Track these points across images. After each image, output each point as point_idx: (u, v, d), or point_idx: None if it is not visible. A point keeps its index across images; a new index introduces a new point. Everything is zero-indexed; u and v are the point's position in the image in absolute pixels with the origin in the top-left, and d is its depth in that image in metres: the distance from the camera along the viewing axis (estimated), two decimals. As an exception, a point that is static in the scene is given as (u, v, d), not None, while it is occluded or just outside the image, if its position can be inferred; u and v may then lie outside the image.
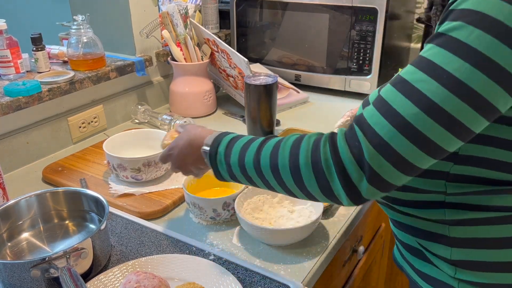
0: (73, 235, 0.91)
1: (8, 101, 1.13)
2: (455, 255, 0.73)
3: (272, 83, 1.26)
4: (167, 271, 0.81)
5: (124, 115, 1.49)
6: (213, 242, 0.92)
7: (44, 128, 1.26)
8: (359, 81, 1.59)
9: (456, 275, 0.74)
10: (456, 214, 0.71)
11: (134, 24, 1.45)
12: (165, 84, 1.62)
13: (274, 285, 0.78)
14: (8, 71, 1.24)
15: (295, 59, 1.68)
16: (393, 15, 1.54)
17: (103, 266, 0.83)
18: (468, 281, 0.73)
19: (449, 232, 0.72)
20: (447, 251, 0.73)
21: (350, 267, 1.13)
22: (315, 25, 1.58)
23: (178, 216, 1.01)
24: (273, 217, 0.95)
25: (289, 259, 0.87)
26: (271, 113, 1.30)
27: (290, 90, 1.62)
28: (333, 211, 1.00)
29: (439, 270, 0.76)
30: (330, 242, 0.91)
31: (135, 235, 0.92)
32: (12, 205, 0.87)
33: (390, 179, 0.61)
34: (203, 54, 1.50)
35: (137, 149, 1.17)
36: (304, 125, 1.38)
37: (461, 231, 0.72)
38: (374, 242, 1.28)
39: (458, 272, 0.73)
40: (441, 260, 0.75)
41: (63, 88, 1.25)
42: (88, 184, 1.10)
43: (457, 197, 0.71)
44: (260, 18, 1.69)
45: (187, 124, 1.09)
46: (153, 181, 1.10)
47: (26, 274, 0.72)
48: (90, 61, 1.34)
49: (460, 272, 0.73)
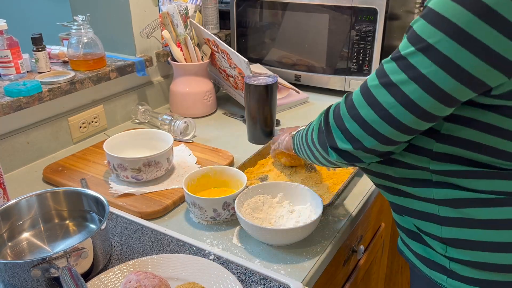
0: (73, 235, 0.91)
1: (9, 101, 1.13)
2: (445, 233, 0.76)
3: (272, 83, 1.26)
4: (167, 271, 0.81)
5: (124, 115, 1.49)
6: (213, 242, 0.92)
7: (44, 128, 1.26)
8: (359, 81, 1.59)
9: (447, 253, 0.77)
10: (444, 194, 0.75)
11: (134, 24, 1.46)
12: (165, 84, 1.62)
13: (274, 285, 0.78)
14: (8, 71, 1.24)
15: (295, 59, 1.68)
16: (393, 15, 1.54)
17: (104, 266, 0.84)
18: (458, 259, 0.76)
19: (438, 211, 0.76)
20: (438, 230, 0.77)
21: (350, 267, 1.13)
22: (315, 25, 1.58)
23: (178, 216, 1.01)
24: (273, 217, 0.95)
25: (289, 259, 0.87)
26: (271, 113, 1.30)
27: (290, 90, 1.62)
28: (332, 210, 1.01)
29: (432, 250, 0.80)
30: (330, 242, 0.92)
31: (135, 235, 0.92)
32: (12, 205, 0.87)
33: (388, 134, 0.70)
34: (203, 54, 1.51)
35: (138, 149, 1.17)
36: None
37: (449, 211, 0.75)
38: (374, 242, 1.28)
39: (448, 249, 0.77)
40: (433, 239, 0.79)
41: (64, 88, 1.25)
42: (89, 184, 1.10)
43: (443, 177, 0.74)
44: (260, 18, 1.69)
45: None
46: (153, 181, 1.10)
47: (27, 274, 0.72)
48: (90, 61, 1.34)
49: (450, 250, 0.77)
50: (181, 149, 1.25)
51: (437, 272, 0.80)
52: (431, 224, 0.78)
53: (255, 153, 1.20)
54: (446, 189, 0.74)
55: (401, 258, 1.64)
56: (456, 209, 0.74)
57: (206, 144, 1.30)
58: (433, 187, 0.76)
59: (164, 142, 1.14)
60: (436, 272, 0.80)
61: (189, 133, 1.37)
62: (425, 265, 0.83)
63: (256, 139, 1.33)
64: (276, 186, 1.00)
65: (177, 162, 1.19)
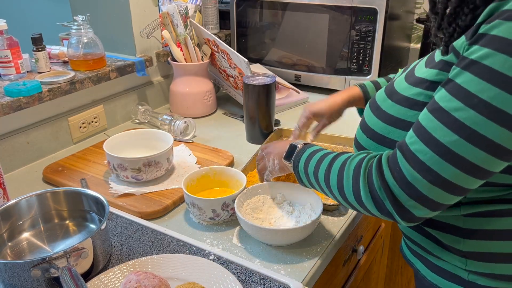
0: (73, 235, 0.91)
1: (9, 101, 1.13)
2: (467, 246, 0.75)
3: (271, 83, 1.26)
4: (167, 271, 0.81)
5: (124, 115, 1.49)
6: (213, 242, 0.92)
7: (44, 128, 1.26)
8: (359, 81, 1.58)
9: (467, 267, 0.75)
10: (471, 208, 0.73)
11: (134, 24, 1.46)
12: (165, 84, 1.62)
13: (274, 285, 0.78)
14: (8, 71, 1.24)
15: (295, 59, 1.68)
16: (393, 16, 1.54)
17: (104, 266, 0.84)
18: (478, 272, 0.75)
19: (463, 224, 0.74)
20: (459, 243, 0.75)
21: (350, 267, 1.13)
22: (315, 25, 1.58)
23: (178, 216, 1.01)
24: (273, 217, 0.95)
25: (289, 259, 0.87)
26: (270, 113, 1.30)
27: (290, 90, 1.62)
28: (332, 210, 1.01)
29: (449, 262, 0.78)
30: (330, 242, 0.92)
31: (135, 235, 0.92)
32: (12, 205, 0.87)
33: (438, 199, 0.65)
34: (203, 55, 1.51)
35: (138, 149, 1.17)
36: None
37: (474, 223, 0.73)
38: (374, 242, 1.28)
39: (468, 263, 0.75)
40: (452, 252, 0.77)
41: (64, 88, 1.25)
42: (89, 184, 1.10)
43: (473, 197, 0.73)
44: (260, 18, 1.69)
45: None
46: (153, 181, 1.10)
47: (27, 274, 0.72)
48: (90, 61, 1.34)
49: (470, 263, 0.75)
50: (181, 149, 1.25)
51: (454, 284, 0.78)
52: (452, 237, 0.76)
53: (254, 155, 1.19)
54: (473, 204, 0.73)
55: (401, 258, 1.64)
56: (481, 221, 0.73)
57: (206, 144, 1.30)
58: (461, 205, 0.74)
59: (164, 142, 1.14)
60: (452, 283, 0.78)
61: (189, 133, 1.37)
62: (438, 275, 0.80)
63: (255, 139, 1.33)
64: (276, 186, 1.00)
65: (177, 162, 1.19)
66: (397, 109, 0.76)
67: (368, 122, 0.82)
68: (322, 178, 0.78)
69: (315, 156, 0.82)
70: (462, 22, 0.67)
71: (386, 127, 0.77)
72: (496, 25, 0.59)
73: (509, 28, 0.58)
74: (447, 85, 0.64)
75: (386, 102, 0.79)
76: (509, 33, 0.58)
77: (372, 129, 0.80)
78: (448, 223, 0.76)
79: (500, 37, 0.59)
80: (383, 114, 0.78)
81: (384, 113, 0.78)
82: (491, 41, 0.60)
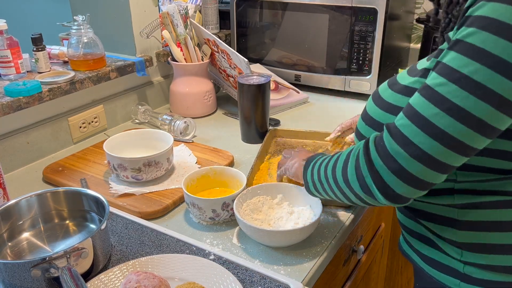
0: (73, 235, 0.91)
1: (9, 101, 1.13)
2: (462, 237, 0.76)
3: (265, 83, 1.27)
4: (167, 271, 0.81)
5: (124, 115, 1.49)
6: (213, 242, 0.92)
7: (44, 128, 1.26)
8: (359, 81, 1.59)
9: (462, 258, 0.76)
10: (465, 199, 0.74)
11: (134, 24, 1.46)
12: (165, 84, 1.62)
13: (274, 285, 0.78)
14: (8, 71, 1.24)
15: (295, 59, 1.68)
16: (393, 16, 1.54)
17: (104, 266, 0.84)
18: (473, 263, 0.76)
19: (457, 215, 0.75)
20: (454, 234, 0.76)
21: (350, 267, 1.13)
22: (315, 25, 1.58)
23: (178, 216, 1.01)
24: (272, 218, 0.95)
25: (289, 259, 0.87)
26: (264, 113, 1.30)
27: (290, 90, 1.62)
28: (332, 210, 1.01)
29: (445, 254, 0.79)
30: (330, 242, 0.92)
31: (135, 235, 0.92)
32: (12, 205, 0.87)
33: (418, 174, 0.65)
34: (203, 55, 1.51)
35: (138, 149, 1.17)
36: (304, 125, 1.38)
37: (469, 214, 0.74)
38: (374, 242, 1.28)
39: (464, 254, 0.76)
40: (448, 243, 0.78)
41: (64, 88, 1.25)
42: (89, 184, 1.10)
43: (467, 184, 0.74)
44: (260, 18, 1.69)
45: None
46: (153, 181, 1.10)
47: (27, 274, 0.72)
48: (90, 61, 1.34)
49: (466, 254, 0.76)
50: (181, 149, 1.25)
51: (449, 276, 0.79)
52: (447, 228, 0.77)
53: (255, 156, 1.19)
54: (468, 195, 0.74)
55: (401, 258, 1.64)
56: (476, 212, 0.74)
57: (206, 144, 1.30)
58: (455, 193, 0.75)
59: (164, 142, 1.14)
60: (448, 276, 0.79)
61: (189, 133, 1.37)
62: (434, 268, 0.81)
63: (250, 139, 1.33)
64: (276, 187, 1.00)
65: (177, 162, 1.19)
66: (396, 97, 0.78)
67: (369, 111, 0.84)
68: (330, 175, 0.79)
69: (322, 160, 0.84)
70: (457, 12, 0.70)
71: (384, 114, 0.79)
72: (480, 6, 0.62)
73: (491, 7, 0.61)
74: (436, 67, 0.66)
75: (387, 92, 0.81)
76: (491, 12, 0.61)
77: (372, 117, 0.82)
78: (443, 215, 0.77)
79: (483, 16, 0.61)
80: (383, 102, 0.81)
81: (383, 101, 0.81)
82: (474, 21, 0.62)
